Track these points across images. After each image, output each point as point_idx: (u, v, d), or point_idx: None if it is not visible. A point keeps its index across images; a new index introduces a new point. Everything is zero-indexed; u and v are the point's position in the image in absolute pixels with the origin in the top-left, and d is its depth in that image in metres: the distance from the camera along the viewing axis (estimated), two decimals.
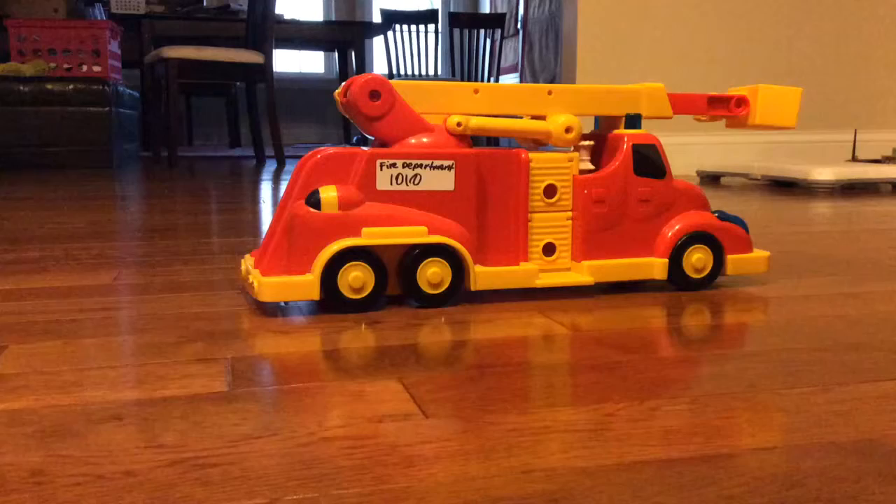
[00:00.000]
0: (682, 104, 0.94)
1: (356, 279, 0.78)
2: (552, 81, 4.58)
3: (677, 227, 0.89)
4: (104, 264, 1.06)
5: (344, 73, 4.82)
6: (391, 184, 0.81)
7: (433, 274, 0.80)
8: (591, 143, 0.91)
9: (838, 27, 3.07)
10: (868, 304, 0.83)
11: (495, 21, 5.13)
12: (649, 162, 0.89)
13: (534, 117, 0.89)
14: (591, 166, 0.90)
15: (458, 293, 0.83)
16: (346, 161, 0.81)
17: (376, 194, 0.81)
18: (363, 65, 4.25)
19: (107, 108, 3.26)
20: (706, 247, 0.90)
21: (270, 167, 3.33)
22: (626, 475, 0.42)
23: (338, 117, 5.49)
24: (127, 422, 0.50)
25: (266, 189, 2.32)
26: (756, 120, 0.96)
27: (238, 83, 4.59)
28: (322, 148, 0.84)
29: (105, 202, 1.94)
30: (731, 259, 0.91)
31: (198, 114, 5.40)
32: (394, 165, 0.81)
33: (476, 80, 5.14)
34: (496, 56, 5.11)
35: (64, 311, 0.80)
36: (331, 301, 0.78)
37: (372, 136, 0.86)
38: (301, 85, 5.76)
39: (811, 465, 0.43)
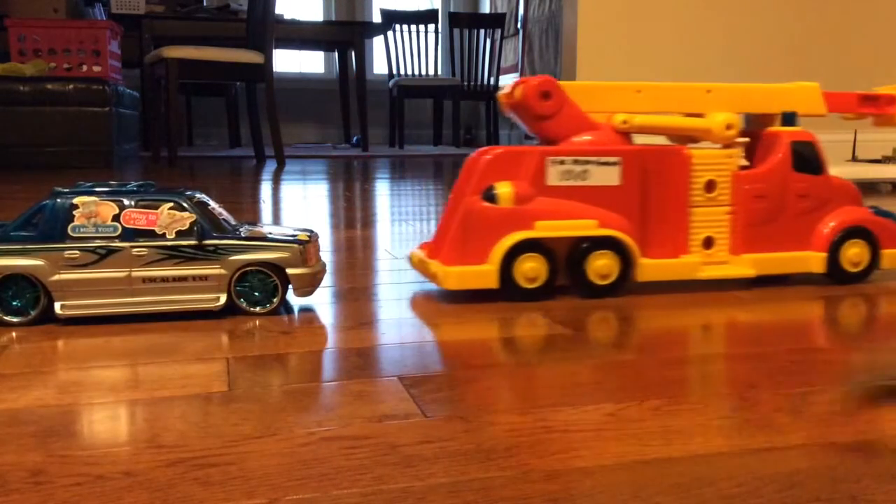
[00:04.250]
0: (834, 102, 0.97)
1: (531, 269, 0.82)
2: None
3: (835, 222, 0.92)
4: None
5: (344, 73, 4.82)
6: (561, 179, 0.85)
7: (602, 266, 0.84)
8: (747, 140, 0.93)
9: (839, 27, 3.07)
10: None
11: (495, 21, 5.13)
12: (807, 158, 0.92)
13: (687, 115, 0.93)
14: (745, 162, 0.92)
15: (625, 284, 0.86)
16: (517, 158, 0.86)
17: (547, 189, 0.85)
18: (363, 65, 4.25)
19: (107, 108, 3.26)
20: (863, 241, 0.92)
21: (270, 167, 3.33)
22: (626, 475, 0.42)
23: (338, 117, 5.49)
24: (127, 422, 0.50)
25: (266, 189, 2.32)
26: None
27: (238, 83, 4.59)
28: (490, 146, 0.88)
29: None
30: (887, 254, 0.93)
31: (198, 114, 5.39)
32: (563, 162, 0.85)
33: (476, 80, 5.15)
34: (496, 56, 5.11)
35: None
36: (506, 290, 0.83)
37: (539, 134, 0.90)
38: (301, 85, 5.75)
39: (811, 465, 0.43)
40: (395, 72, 5.06)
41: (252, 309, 0.77)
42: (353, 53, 4.34)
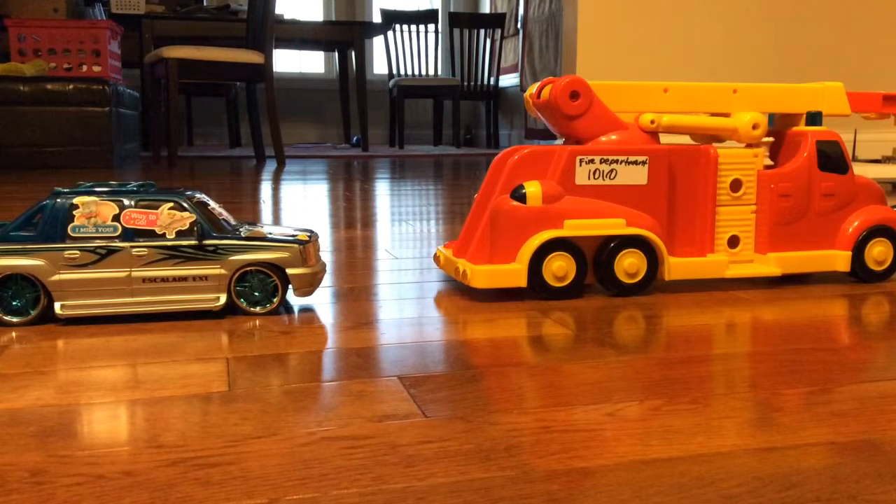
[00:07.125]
0: (858, 102, 0.97)
1: (560, 268, 0.83)
2: None
3: (860, 221, 0.92)
4: None
5: (344, 73, 4.82)
6: (588, 178, 0.86)
7: (630, 264, 0.85)
8: (772, 139, 0.94)
9: (839, 27, 3.07)
10: None
11: (495, 21, 5.13)
12: (832, 158, 0.92)
13: (713, 114, 0.93)
14: (769, 162, 0.93)
15: (653, 283, 0.87)
16: (545, 158, 0.87)
17: (575, 188, 0.86)
18: (363, 65, 4.25)
19: (107, 108, 3.26)
20: (887, 240, 0.93)
21: (270, 167, 3.33)
22: (626, 475, 0.42)
23: (338, 117, 5.49)
24: (127, 422, 0.50)
25: (266, 189, 2.32)
26: None
27: (238, 83, 4.59)
28: (517, 146, 0.89)
29: None
30: None
31: (198, 114, 5.39)
32: (592, 161, 0.86)
33: (475, 80, 5.15)
34: (496, 56, 5.11)
35: None
36: (535, 289, 0.83)
37: (566, 134, 0.91)
38: (301, 85, 5.75)
39: (811, 465, 0.43)
40: (395, 72, 5.06)
41: (252, 309, 0.77)
42: (353, 53, 4.34)
